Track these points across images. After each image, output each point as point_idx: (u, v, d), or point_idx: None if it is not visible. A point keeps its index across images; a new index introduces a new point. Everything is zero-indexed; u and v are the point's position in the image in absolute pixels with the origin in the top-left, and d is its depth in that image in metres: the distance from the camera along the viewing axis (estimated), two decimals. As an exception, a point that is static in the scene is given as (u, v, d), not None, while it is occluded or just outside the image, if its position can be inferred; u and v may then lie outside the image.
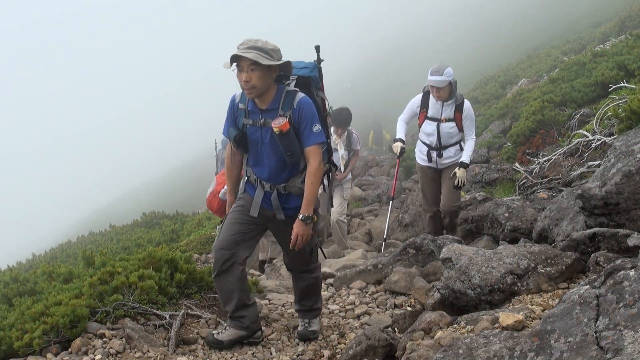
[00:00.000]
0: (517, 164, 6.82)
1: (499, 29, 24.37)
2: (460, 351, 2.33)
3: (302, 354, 3.43)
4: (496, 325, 2.61)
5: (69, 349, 3.11)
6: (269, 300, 4.24)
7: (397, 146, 5.60)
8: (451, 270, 3.18)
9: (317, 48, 3.41)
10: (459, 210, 5.61)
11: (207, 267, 4.16)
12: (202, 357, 3.33)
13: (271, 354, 3.46)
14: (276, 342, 3.60)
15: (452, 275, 3.16)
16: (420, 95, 5.48)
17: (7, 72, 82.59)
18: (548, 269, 2.98)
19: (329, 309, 4.09)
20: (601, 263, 2.87)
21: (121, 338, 3.20)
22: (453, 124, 5.35)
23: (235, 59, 3.06)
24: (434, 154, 5.49)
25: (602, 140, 5.50)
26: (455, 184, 5.31)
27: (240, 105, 3.31)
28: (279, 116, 3.15)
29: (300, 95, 3.22)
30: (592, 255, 2.99)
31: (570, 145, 6.01)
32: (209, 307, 3.87)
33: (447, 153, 5.47)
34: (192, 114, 54.16)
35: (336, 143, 6.60)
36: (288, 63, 3.18)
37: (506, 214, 5.04)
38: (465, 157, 5.34)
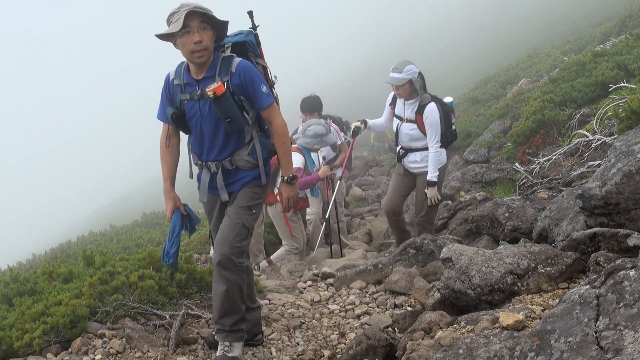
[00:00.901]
0: (517, 164, 6.81)
1: (500, 29, 24.36)
2: (461, 351, 2.34)
3: (302, 354, 3.43)
4: (496, 325, 2.61)
5: (69, 349, 3.12)
6: (269, 300, 4.24)
7: (354, 125, 5.46)
8: (451, 270, 3.18)
9: (250, 13, 3.22)
10: (428, 226, 5.27)
11: (207, 267, 4.16)
12: (202, 357, 3.33)
13: (271, 354, 3.46)
14: (276, 342, 3.60)
15: (452, 275, 3.16)
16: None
17: (10, 78, 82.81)
18: (548, 268, 2.98)
19: (329, 309, 4.10)
20: (601, 263, 2.86)
21: (121, 338, 3.20)
22: (414, 125, 5.08)
23: (189, 16, 2.84)
24: (401, 152, 5.35)
25: (602, 140, 5.50)
26: (429, 204, 5.16)
27: (176, 82, 3.09)
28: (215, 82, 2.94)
29: (238, 59, 3.02)
30: (592, 255, 2.98)
31: (570, 145, 6.00)
32: (209, 307, 3.87)
33: (412, 157, 5.24)
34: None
35: None
36: (227, 23, 2.99)
37: (506, 214, 5.04)
38: (431, 175, 5.04)
